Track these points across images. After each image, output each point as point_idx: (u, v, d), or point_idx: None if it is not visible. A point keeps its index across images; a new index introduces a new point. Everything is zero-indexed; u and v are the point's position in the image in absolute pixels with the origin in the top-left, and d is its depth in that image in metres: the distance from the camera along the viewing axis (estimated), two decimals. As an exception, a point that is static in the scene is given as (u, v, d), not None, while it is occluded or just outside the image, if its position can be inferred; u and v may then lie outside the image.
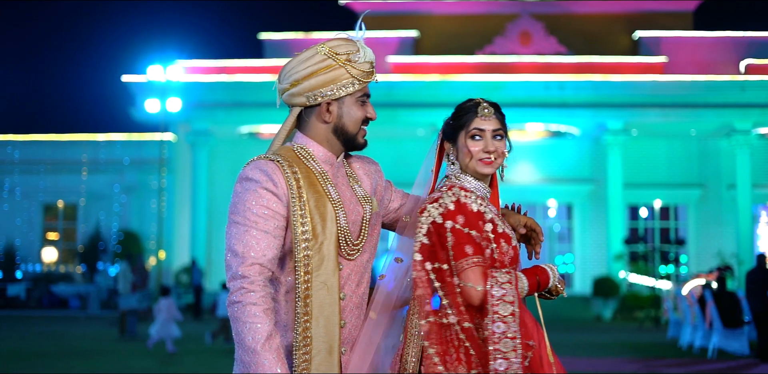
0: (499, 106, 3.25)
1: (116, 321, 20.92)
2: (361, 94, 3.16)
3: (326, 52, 3.11)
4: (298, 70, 3.12)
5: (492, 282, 2.97)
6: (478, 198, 3.13)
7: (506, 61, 31.93)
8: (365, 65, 3.14)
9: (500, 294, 2.96)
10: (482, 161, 3.15)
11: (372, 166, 3.34)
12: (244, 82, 31.57)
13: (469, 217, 3.05)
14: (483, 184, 3.21)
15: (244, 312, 2.88)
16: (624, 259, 30.54)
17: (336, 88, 3.10)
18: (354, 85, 3.12)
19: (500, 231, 3.10)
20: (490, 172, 3.17)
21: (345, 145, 3.18)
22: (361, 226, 3.14)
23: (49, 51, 66.19)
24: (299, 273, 2.98)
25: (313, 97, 3.11)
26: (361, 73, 3.13)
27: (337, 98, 3.12)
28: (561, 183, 32.82)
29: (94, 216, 34.39)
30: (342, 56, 3.11)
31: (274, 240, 2.98)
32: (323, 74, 3.10)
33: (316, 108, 3.14)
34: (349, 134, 3.15)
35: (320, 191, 3.07)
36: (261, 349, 2.85)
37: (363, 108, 3.17)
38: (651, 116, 31.28)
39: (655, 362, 14.42)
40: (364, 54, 3.14)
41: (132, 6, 67.32)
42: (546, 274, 3.09)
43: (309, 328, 2.96)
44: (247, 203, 3.01)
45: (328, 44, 3.13)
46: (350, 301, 3.08)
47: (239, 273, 2.92)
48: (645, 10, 34.38)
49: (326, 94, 3.11)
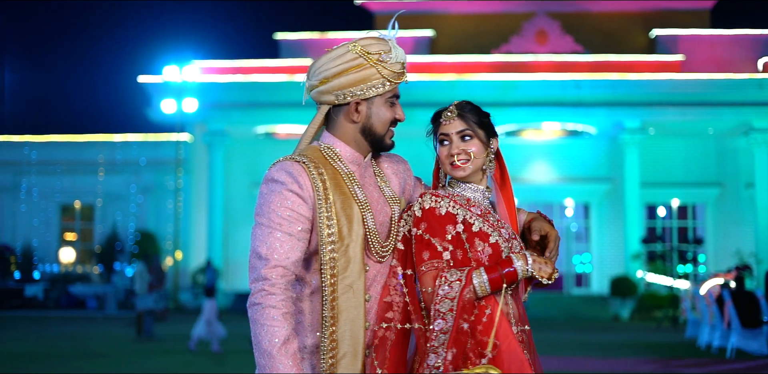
0: (471, 105, 3.21)
1: (133, 321, 20.94)
2: (391, 95, 3.13)
3: (358, 50, 3.05)
4: (329, 68, 3.07)
5: (440, 282, 2.97)
6: (451, 201, 3.10)
7: (522, 60, 31.85)
8: (396, 66, 3.10)
9: (444, 292, 2.95)
10: (452, 166, 3.14)
11: (401, 164, 3.31)
12: (259, 82, 31.59)
13: (432, 223, 3.05)
14: (474, 186, 3.20)
15: (263, 314, 2.87)
16: (642, 259, 30.40)
17: (366, 88, 3.06)
18: (384, 86, 3.09)
19: (476, 231, 3.07)
20: (461, 174, 3.15)
21: (372, 145, 3.14)
22: (389, 227, 3.12)
23: (65, 52, 66.43)
24: (325, 276, 2.96)
25: (342, 96, 3.07)
26: (391, 74, 3.09)
27: (367, 98, 3.08)
28: (578, 182, 32.70)
29: (111, 216, 34.48)
30: (374, 55, 3.06)
31: (298, 242, 2.96)
32: (354, 73, 3.05)
33: (345, 107, 3.10)
34: (377, 135, 3.12)
35: (347, 192, 3.04)
36: (277, 353, 2.84)
37: (392, 109, 3.13)
38: (668, 115, 31.13)
39: (673, 362, 14.34)
40: (395, 54, 3.10)
41: (148, 6, 67.47)
42: (509, 264, 3.01)
43: (335, 332, 2.94)
44: (272, 205, 2.97)
45: (360, 43, 3.08)
46: (374, 303, 3.07)
47: (261, 275, 2.91)
48: (662, 9, 34.22)
49: (356, 93, 3.06)
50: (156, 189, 34.28)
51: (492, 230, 3.09)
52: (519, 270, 2.99)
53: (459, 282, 2.95)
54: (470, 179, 3.19)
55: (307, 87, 3.15)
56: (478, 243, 3.06)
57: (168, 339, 18.29)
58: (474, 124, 3.16)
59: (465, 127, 3.15)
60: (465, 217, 3.08)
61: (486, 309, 2.99)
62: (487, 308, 2.99)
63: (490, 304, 3.00)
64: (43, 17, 65.96)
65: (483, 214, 3.12)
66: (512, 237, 3.14)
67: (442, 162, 3.18)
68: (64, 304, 31.97)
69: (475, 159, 3.14)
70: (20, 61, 65.20)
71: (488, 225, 3.09)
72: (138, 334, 18.77)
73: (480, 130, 3.17)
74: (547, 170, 32.86)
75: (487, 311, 2.99)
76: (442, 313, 2.93)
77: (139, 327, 18.84)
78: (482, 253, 3.05)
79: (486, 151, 3.17)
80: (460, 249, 3.06)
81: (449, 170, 3.16)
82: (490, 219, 3.12)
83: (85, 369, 12.89)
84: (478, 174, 3.19)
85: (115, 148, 34.52)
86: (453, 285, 2.95)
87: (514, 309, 3.09)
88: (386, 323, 3.03)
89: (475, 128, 3.16)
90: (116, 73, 66.83)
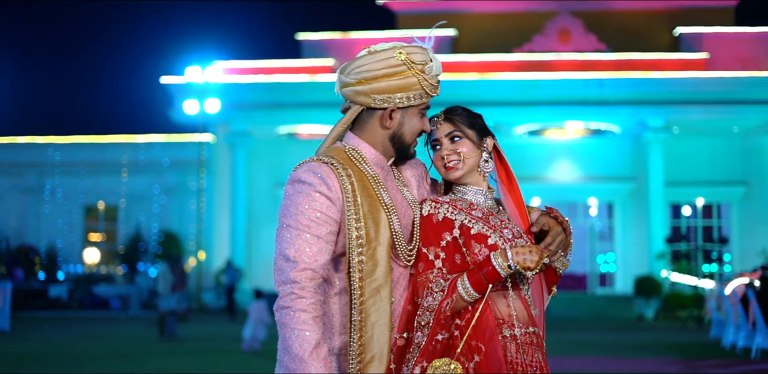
0: (461, 109, 3.21)
1: (155, 322, 20.99)
2: (424, 107, 3.12)
3: (403, 58, 3.03)
4: (371, 70, 3.03)
5: (427, 293, 2.97)
6: (451, 207, 3.10)
7: (545, 58, 31.73)
8: (434, 78, 3.09)
9: (427, 304, 2.95)
10: (445, 168, 3.16)
11: (420, 168, 3.29)
12: (282, 83, 31.63)
13: (427, 230, 3.06)
14: (474, 188, 3.19)
15: (293, 318, 2.85)
16: (666, 258, 30.21)
17: (405, 97, 3.05)
18: (422, 98, 3.08)
19: (474, 234, 3.06)
20: (456, 175, 3.16)
21: (397, 152, 3.14)
22: (412, 231, 3.10)
23: (88, 53, 66.76)
24: (354, 279, 2.94)
25: (381, 101, 3.04)
26: (430, 87, 3.07)
27: (404, 106, 3.07)
28: (602, 181, 32.55)
29: (134, 217, 34.61)
30: (418, 65, 3.04)
31: (326, 245, 2.93)
32: (396, 80, 3.03)
33: (379, 111, 3.08)
34: (405, 143, 3.12)
35: (373, 195, 3.02)
36: (309, 358, 2.82)
37: (422, 120, 3.12)
38: (692, 113, 30.93)
39: (697, 363, 14.22)
40: (435, 66, 3.09)
41: (170, 7, 67.72)
42: (487, 264, 2.96)
43: (363, 336, 2.93)
44: (299, 206, 2.94)
45: (406, 50, 3.05)
46: (398, 305, 3.05)
47: (290, 277, 2.88)
48: (686, 6, 33.99)
49: (395, 100, 3.04)
50: (179, 190, 34.38)
51: (492, 231, 3.06)
52: (497, 267, 2.93)
53: (442, 292, 2.95)
54: (469, 181, 3.19)
55: (341, 82, 3.10)
56: (475, 245, 3.04)
57: (190, 339, 18.31)
58: (462, 124, 3.17)
59: (453, 129, 3.16)
60: (463, 222, 3.07)
61: (476, 311, 2.97)
62: (478, 310, 2.97)
63: (480, 306, 2.98)
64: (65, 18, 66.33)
65: (484, 217, 3.11)
66: (518, 237, 3.10)
67: (437, 167, 3.19)
68: (88, 305, 32.09)
69: (466, 159, 3.14)
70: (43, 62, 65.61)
71: (488, 227, 3.07)
72: (160, 335, 18.80)
73: (469, 130, 3.17)
74: (571, 169, 32.74)
75: (477, 313, 2.96)
76: (421, 326, 2.94)
77: (162, 328, 18.86)
78: (479, 255, 3.03)
79: (478, 151, 3.16)
80: (458, 253, 3.05)
81: (444, 173, 3.18)
82: (491, 221, 3.10)
83: (107, 369, 12.91)
84: (474, 175, 3.19)
85: (138, 148, 34.64)
86: (436, 296, 2.95)
87: (519, 311, 3.07)
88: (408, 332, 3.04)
89: (464, 129, 3.16)
90: (139, 74, 67.12)
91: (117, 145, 34.94)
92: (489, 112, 30.64)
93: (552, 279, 3.24)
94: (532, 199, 32.62)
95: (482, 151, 3.17)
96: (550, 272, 3.22)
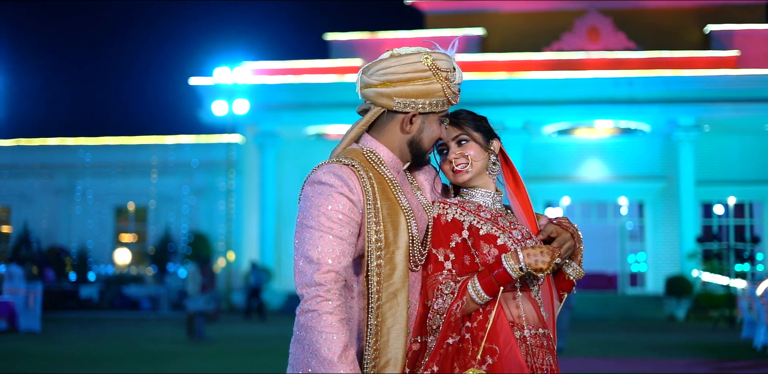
0: (466, 112, 3.21)
1: (184, 322, 21.06)
2: (444, 114, 3.10)
3: (429, 63, 3.00)
4: (397, 72, 3.00)
5: (437, 295, 2.95)
6: (459, 208, 3.09)
7: (574, 57, 31.57)
8: (456, 87, 3.07)
9: (438, 306, 2.93)
10: (453, 172, 3.15)
11: (432, 172, 3.26)
12: (310, 83, 31.67)
13: (437, 231, 3.05)
14: (483, 190, 3.17)
15: (320, 321, 2.80)
16: (697, 258, 29.98)
17: (429, 103, 3.02)
18: (444, 105, 3.05)
19: (483, 234, 3.04)
20: (464, 179, 3.14)
21: (414, 158, 3.11)
22: (426, 234, 3.08)
23: (117, 55, 67.12)
24: (372, 283, 2.91)
25: (404, 105, 3.01)
26: (453, 95, 3.05)
27: (425, 112, 3.04)
28: (632, 180, 32.35)
29: (164, 218, 34.76)
30: (443, 72, 3.02)
31: (348, 247, 2.89)
32: (420, 85, 3.00)
33: (399, 115, 3.04)
34: (423, 150, 3.09)
35: (392, 198, 2.99)
36: (338, 361, 2.78)
37: (440, 127, 3.10)
38: (723, 111, 30.67)
39: (727, 363, 14.09)
40: (458, 75, 3.08)
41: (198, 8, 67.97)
42: (499, 265, 2.94)
43: (379, 340, 2.90)
44: (321, 208, 2.91)
45: (432, 56, 3.02)
46: (414, 309, 3.02)
47: (314, 280, 2.83)
48: (716, 4, 33.72)
49: (418, 105, 3.01)
50: (208, 191, 34.49)
51: (501, 232, 3.05)
52: (508, 270, 2.91)
53: (452, 295, 2.92)
54: (477, 184, 3.17)
55: (363, 82, 3.07)
56: (484, 245, 3.02)
57: (218, 340, 18.33)
58: (469, 127, 3.15)
59: (459, 132, 3.14)
60: (472, 223, 3.05)
61: (490, 314, 2.94)
62: (491, 313, 2.94)
63: (494, 309, 2.95)
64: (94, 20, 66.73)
65: (493, 218, 3.09)
66: (527, 238, 3.08)
67: (445, 172, 3.16)
68: (118, 305, 32.27)
69: (474, 162, 3.12)
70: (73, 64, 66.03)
71: (497, 228, 3.06)
72: (189, 335, 18.84)
73: (476, 132, 3.15)
74: (601, 168, 32.57)
75: (490, 316, 2.94)
76: (432, 329, 2.92)
77: (190, 329, 18.91)
78: (489, 255, 3.01)
79: (486, 153, 3.15)
80: (467, 254, 3.02)
81: (452, 177, 3.15)
82: (499, 222, 3.08)
83: (135, 369, 12.94)
84: (483, 177, 3.17)
85: (167, 150, 34.80)
86: (446, 298, 2.93)
87: (528, 313, 3.03)
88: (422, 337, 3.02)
89: (470, 131, 3.15)
90: (168, 75, 67.42)
91: (146, 146, 35.12)
92: (518, 112, 30.74)
93: (564, 286, 3.21)
94: (562, 199, 32.50)
95: (489, 154, 3.16)
96: (561, 278, 3.19)
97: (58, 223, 35.76)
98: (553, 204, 32.49)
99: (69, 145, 35.95)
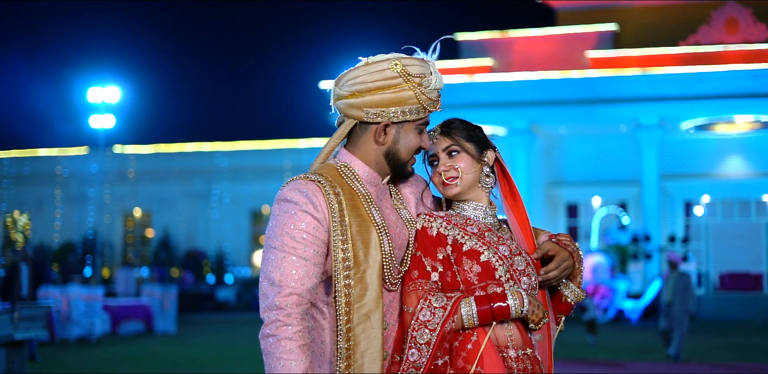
0: (458, 121, 3.05)
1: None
2: (422, 122, 2.92)
3: (399, 70, 2.84)
4: (365, 81, 2.84)
5: (423, 305, 2.77)
6: (445, 221, 2.91)
7: (712, 50, 30.69)
8: (434, 93, 2.90)
9: (425, 318, 2.74)
10: (442, 184, 2.98)
11: (420, 185, 3.08)
12: (441, 84, 31.51)
13: (424, 242, 2.89)
14: (474, 203, 3.00)
15: (279, 347, 2.68)
16: None
17: (401, 111, 2.85)
18: (419, 113, 2.88)
19: (466, 250, 2.86)
20: (453, 192, 2.97)
21: (393, 171, 2.94)
22: (405, 251, 2.91)
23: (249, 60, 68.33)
24: (339, 304, 2.75)
25: (374, 115, 2.85)
26: (428, 101, 2.89)
27: (399, 121, 2.86)
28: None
29: (299, 221, 35.11)
30: (415, 78, 2.86)
31: (313, 267, 2.75)
32: (390, 93, 2.84)
33: (372, 126, 2.89)
34: (401, 161, 2.92)
35: (364, 215, 2.82)
36: None
37: (419, 136, 2.92)
38: None
39: None
40: (435, 80, 2.90)
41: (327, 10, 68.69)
42: (502, 300, 2.77)
43: (351, 365, 2.74)
44: (285, 227, 2.75)
45: (403, 62, 2.86)
46: (392, 331, 2.85)
47: (275, 303, 2.70)
48: None
49: (389, 114, 2.85)
50: (341, 193, 34.72)
51: (485, 248, 2.87)
52: (512, 309, 2.76)
53: (443, 310, 2.74)
54: (468, 197, 3.01)
55: (335, 94, 2.93)
56: (466, 261, 2.85)
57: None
58: (461, 138, 2.99)
59: (450, 143, 2.99)
60: (456, 237, 2.89)
61: (472, 336, 2.76)
62: (473, 335, 2.76)
63: (476, 331, 2.77)
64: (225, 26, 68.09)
65: (479, 232, 2.92)
66: (516, 254, 2.90)
67: (435, 184, 3.01)
68: (254, 307, 32.69)
69: (464, 174, 2.97)
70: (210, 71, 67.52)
71: (481, 243, 2.88)
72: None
73: (468, 143, 2.99)
74: (742, 165, 31.61)
75: (473, 338, 2.76)
76: (418, 344, 2.73)
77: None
78: (470, 272, 2.84)
79: (478, 165, 2.98)
80: (449, 270, 2.86)
81: (441, 190, 2.99)
82: (486, 237, 2.91)
83: None
84: (475, 190, 3.01)
85: (300, 153, 35.19)
86: (436, 312, 2.74)
87: (513, 333, 2.85)
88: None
89: (462, 142, 2.98)
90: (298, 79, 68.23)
91: (280, 150, 35.60)
92: (653, 108, 30.02)
93: (562, 309, 3.03)
94: (702, 197, 31.65)
95: (482, 166, 2.99)
96: (558, 300, 3.02)
97: (196, 227, 36.55)
98: (693, 203, 31.72)
99: (206, 151, 36.70)
